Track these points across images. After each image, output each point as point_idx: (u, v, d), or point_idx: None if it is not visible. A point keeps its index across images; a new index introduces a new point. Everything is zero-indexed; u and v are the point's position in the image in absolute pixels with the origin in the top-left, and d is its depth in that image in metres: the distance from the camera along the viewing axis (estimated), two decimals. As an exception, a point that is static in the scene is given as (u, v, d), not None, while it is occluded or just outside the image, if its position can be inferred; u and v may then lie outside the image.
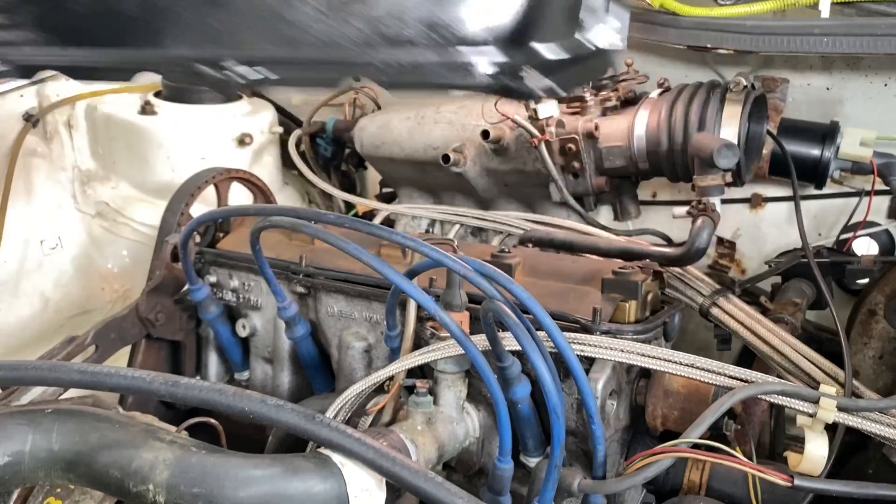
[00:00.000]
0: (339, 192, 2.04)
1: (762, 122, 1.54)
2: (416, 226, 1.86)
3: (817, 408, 0.91)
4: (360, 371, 1.30)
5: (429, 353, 1.09)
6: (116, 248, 2.25)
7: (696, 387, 1.09)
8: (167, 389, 0.75)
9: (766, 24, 1.48)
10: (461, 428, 1.13)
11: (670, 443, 0.91)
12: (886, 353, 1.40)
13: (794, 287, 1.48)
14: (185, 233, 1.15)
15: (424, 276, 1.20)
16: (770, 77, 1.58)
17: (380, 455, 0.73)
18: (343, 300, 1.31)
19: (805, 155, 1.55)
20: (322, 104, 2.19)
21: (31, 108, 2.18)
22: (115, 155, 2.30)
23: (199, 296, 1.31)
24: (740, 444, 1.13)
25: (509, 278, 0.92)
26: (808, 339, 1.34)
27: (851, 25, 1.41)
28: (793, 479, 0.86)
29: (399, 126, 1.86)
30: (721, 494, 1.09)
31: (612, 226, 1.68)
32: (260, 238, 1.09)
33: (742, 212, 1.74)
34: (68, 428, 0.74)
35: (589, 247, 1.40)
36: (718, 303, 1.29)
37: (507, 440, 0.99)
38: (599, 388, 1.05)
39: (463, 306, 1.08)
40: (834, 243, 1.58)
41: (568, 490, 0.94)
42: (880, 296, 1.40)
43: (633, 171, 1.58)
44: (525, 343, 0.88)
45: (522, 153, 1.66)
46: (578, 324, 1.09)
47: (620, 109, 1.60)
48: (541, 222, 1.59)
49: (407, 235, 0.95)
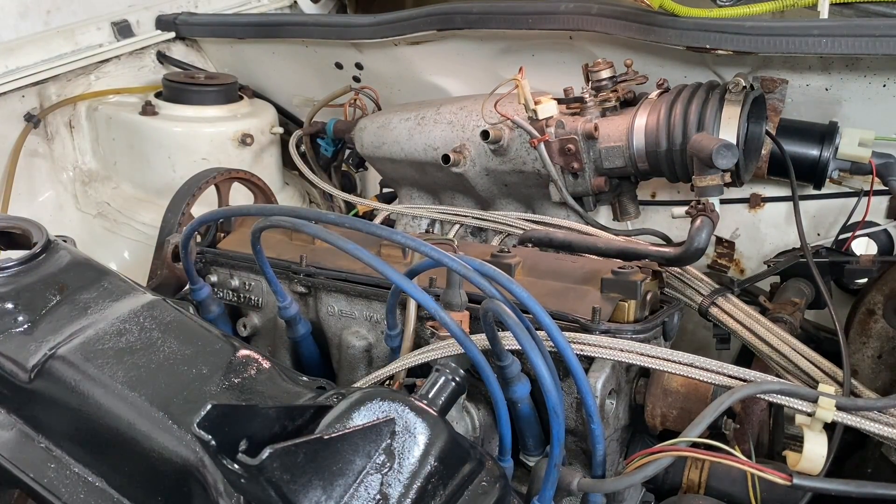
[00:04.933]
0: (339, 192, 2.05)
1: (761, 122, 1.54)
2: (416, 226, 1.86)
3: (816, 407, 0.91)
4: (360, 370, 1.30)
5: (429, 353, 1.09)
6: (117, 247, 2.25)
7: (695, 386, 1.09)
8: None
9: (765, 24, 1.48)
10: (461, 427, 1.13)
11: (669, 442, 0.91)
12: (885, 352, 1.41)
13: (793, 287, 1.48)
14: (186, 233, 1.15)
15: (424, 276, 1.21)
16: (769, 78, 1.58)
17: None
18: (343, 300, 1.31)
19: (804, 155, 1.56)
20: (322, 104, 2.19)
21: (33, 109, 2.18)
22: (117, 155, 2.31)
23: (200, 295, 1.31)
24: (739, 443, 1.13)
25: (509, 278, 0.93)
26: (806, 339, 1.34)
27: (850, 26, 1.41)
28: (791, 478, 0.86)
29: (399, 126, 1.87)
30: (720, 493, 1.10)
31: (611, 226, 1.68)
32: (261, 238, 1.09)
33: (741, 212, 1.75)
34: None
35: (588, 247, 1.40)
36: (717, 302, 1.29)
37: (506, 439, 0.99)
38: (599, 387, 1.05)
39: (463, 306, 1.08)
40: (833, 243, 1.58)
41: (567, 489, 0.94)
42: (879, 295, 1.40)
43: (632, 172, 1.58)
44: (525, 342, 0.88)
45: (522, 153, 1.67)
46: (578, 323, 1.09)
47: (620, 110, 1.60)
48: (541, 222, 1.59)
49: (407, 235, 0.96)
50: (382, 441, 0.75)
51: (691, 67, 1.67)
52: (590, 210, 1.65)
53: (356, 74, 2.23)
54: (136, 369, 0.89)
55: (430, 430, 0.77)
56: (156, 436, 0.83)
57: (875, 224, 1.61)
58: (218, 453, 0.65)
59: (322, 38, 2.16)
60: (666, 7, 1.52)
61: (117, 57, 2.30)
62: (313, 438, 0.69)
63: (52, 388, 0.89)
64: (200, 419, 0.65)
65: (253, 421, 0.70)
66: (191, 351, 0.93)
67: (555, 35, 1.78)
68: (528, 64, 1.66)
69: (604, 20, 1.65)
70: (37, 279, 0.98)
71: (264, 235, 1.09)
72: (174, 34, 2.40)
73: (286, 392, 0.90)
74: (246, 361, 0.92)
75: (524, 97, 1.56)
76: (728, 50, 1.50)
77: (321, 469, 0.70)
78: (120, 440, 0.85)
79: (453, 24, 1.89)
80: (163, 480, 0.83)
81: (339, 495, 0.71)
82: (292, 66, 2.35)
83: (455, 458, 0.78)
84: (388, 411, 0.77)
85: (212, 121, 2.25)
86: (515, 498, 0.88)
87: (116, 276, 1.04)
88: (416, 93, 2.13)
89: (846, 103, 1.58)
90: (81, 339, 0.92)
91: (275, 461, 0.65)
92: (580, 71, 1.64)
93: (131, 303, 0.99)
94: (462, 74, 2.04)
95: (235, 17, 2.33)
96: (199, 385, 0.87)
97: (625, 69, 1.61)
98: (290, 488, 0.67)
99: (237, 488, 0.74)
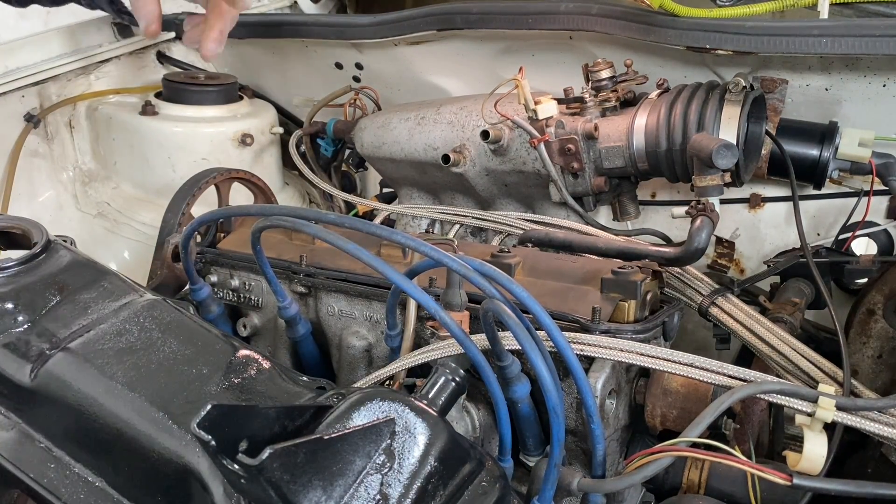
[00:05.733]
0: (339, 192, 2.05)
1: (761, 122, 1.54)
2: (416, 226, 1.86)
3: (816, 407, 0.91)
4: (360, 370, 1.30)
5: (429, 353, 1.09)
6: (117, 248, 2.25)
7: (695, 386, 1.09)
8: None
9: (764, 24, 1.48)
10: (461, 427, 1.13)
11: (669, 442, 0.91)
12: (885, 352, 1.41)
13: (793, 287, 1.48)
14: (186, 233, 1.15)
15: (424, 276, 1.21)
16: (769, 78, 1.58)
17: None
18: (343, 300, 1.31)
19: (804, 155, 1.56)
20: (322, 104, 2.19)
21: (33, 109, 2.18)
22: (116, 155, 2.31)
23: (200, 295, 1.31)
24: (739, 443, 1.13)
25: (509, 278, 0.93)
26: (806, 339, 1.34)
27: (850, 26, 1.41)
28: (792, 478, 0.86)
29: (399, 126, 1.87)
30: (720, 493, 1.10)
31: (611, 226, 1.68)
32: (261, 238, 1.09)
33: (741, 212, 1.75)
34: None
35: (588, 247, 1.40)
36: (717, 302, 1.29)
37: (506, 439, 0.99)
38: (599, 387, 1.05)
39: (463, 306, 1.08)
40: (833, 243, 1.58)
41: (567, 489, 0.94)
42: (879, 295, 1.40)
43: (632, 172, 1.58)
44: (524, 342, 0.88)
45: (522, 153, 1.67)
46: (578, 323, 1.09)
47: (620, 110, 1.60)
48: (541, 222, 1.59)
49: (407, 235, 0.96)
50: (382, 441, 0.75)
51: (691, 67, 1.67)
52: (590, 210, 1.65)
53: (356, 74, 2.23)
54: (136, 369, 0.89)
55: (430, 430, 0.77)
56: (156, 436, 0.83)
57: (875, 224, 1.61)
58: (218, 453, 0.66)
59: (322, 38, 2.16)
60: (666, 7, 1.52)
61: (117, 57, 2.30)
62: (313, 438, 0.69)
63: (52, 387, 0.89)
64: (200, 419, 0.65)
65: (253, 421, 0.70)
66: (191, 351, 0.93)
67: (555, 35, 1.79)
68: (528, 64, 1.66)
69: (604, 20, 1.65)
70: (37, 279, 0.98)
71: (264, 235, 1.09)
72: (174, 34, 2.40)
73: (286, 392, 0.90)
74: (246, 361, 0.92)
75: (524, 97, 1.56)
76: (728, 50, 1.50)
77: (321, 469, 0.70)
78: (120, 440, 0.85)
79: (453, 24, 1.89)
80: (163, 480, 0.83)
81: (339, 495, 0.71)
82: (292, 66, 2.35)
83: (455, 458, 0.78)
84: (388, 411, 0.77)
85: (212, 121, 2.25)
86: (515, 498, 0.88)
87: (116, 276, 1.04)
88: (416, 93, 2.13)
89: (846, 103, 1.58)
90: (81, 339, 0.92)
91: (275, 461, 0.65)
92: (580, 71, 1.64)
93: (131, 303, 0.99)
94: (462, 74, 2.04)
95: (235, 16, 2.33)
96: (199, 385, 0.87)
97: (625, 69, 1.61)
98: (290, 488, 0.67)
99: (237, 488, 0.74)
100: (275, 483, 0.66)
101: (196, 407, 0.70)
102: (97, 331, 0.93)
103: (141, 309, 0.98)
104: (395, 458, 0.74)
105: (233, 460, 0.65)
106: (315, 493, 0.69)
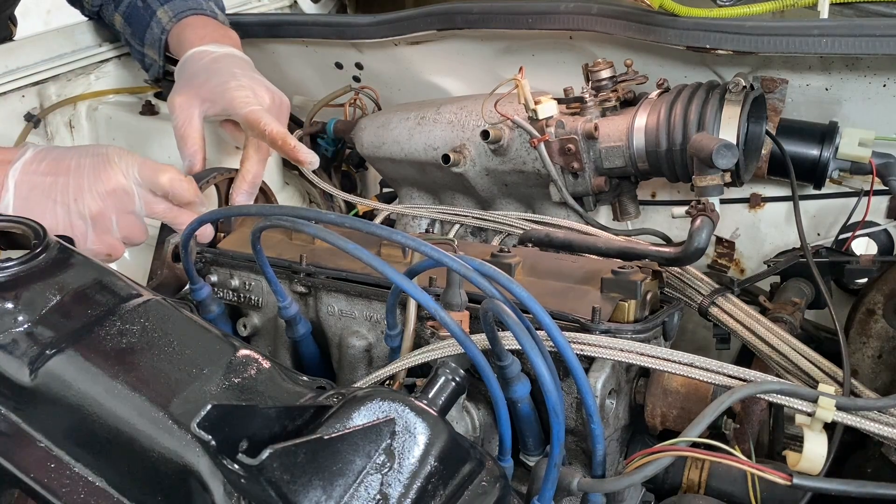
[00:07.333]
0: (339, 192, 2.04)
1: (761, 122, 1.54)
2: (416, 226, 1.86)
3: (816, 407, 0.92)
4: (360, 370, 1.30)
5: (429, 353, 1.10)
6: (117, 248, 2.25)
7: (695, 386, 1.09)
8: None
9: (765, 24, 1.48)
10: (461, 427, 1.14)
11: (669, 441, 0.92)
12: (885, 352, 1.41)
13: (793, 286, 1.48)
14: (186, 233, 1.15)
15: (424, 276, 1.21)
16: (769, 77, 1.58)
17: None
18: (343, 299, 1.31)
19: (804, 155, 1.56)
20: (322, 104, 2.19)
21: (33, 109, 2.18)
22: (116, 155, 2.30)
23: (200, 295, 1.31)
24: (739, 443, 1.14)
25: (509, 278, 0.93)
26: (806, 339, 1.34)
27: (850, 26, 1.41)
28: (791, 477, 0.86)
29: (399, 126, 1.87)
30: (720, 493, 1.10)
31: (611, 226, 1.68)
32: (261, 238, 1.09)
33: (741, 212, 1.75)
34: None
35: (588, 246, 1.40)
36: (717, 302, 1.29)
37: (506, 439, 0.99)
38: (599, 387, 1.05)
39: (463, 305, 1.08)
40: (833, 243, 1.58)
41: (567, 489, 0.94)
42: (879, 295, 1.40)
43: (632, 171, 1.58)
44: (525, 342, 0.88)
45: (522, 153, 1.67)
46: (578, 323, 1.09)
47: (620, 110, 1.60)
48: (541, 222, 1.59)
49: (407, 235, 0.96)
50: (382, 441, 0.75)
51: (691, 67, 1.67)
52: (590, 210, 1.65)
53: (356, 74, 2.23)
54: (136, 369, 0.89)
55: (430, 430, 0.77)
56: (156, 436, 0.83)
57: (875, 224, 1.60)
58: (218, 453, 0.66)
59: (322, 38, 2.16)
60: (666, 7, 1.52)
61: (117, 57, 2.30)
62: (313, 438, 0.69)
63: (52, 387, 0.89)
64: (200, 419, 0.65)
65: (253, 421, 0.70)
66: (191, 351, 0.93)
67: (555, 35, 1.78)
68: (528, 64, 1.66)
69: (604, 20, 1.65)
70: (36, 279, 0.98)
71: (264, 235, 1.09)
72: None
73: (286, 392, 0.90)
74: (246, 361, 0.92)
75: (524, 97, 1.56)
76: (728, 50, 1.50)
77: (321, 469, 0.70)
78: (120, 440, 0.85)
79: (453, 24, 1.89)
80: (163, 480, 0.83)
81: (339, 495, 0.71)
82: (292, 65, 2.35)
83: (455, 458, 0.78)
84: (388, 411, 0.77)
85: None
86: (515, 498, 0.88)
87: (116, 276, 1.04)
88: (416, 93, 2.13)
89: (846, 103, 1.58)
90: (81, 338, 0.92)
91: (275, 461, 0.65)
92: (580, 71, 1.64)
93: (131, 303, 0.99)
94: (462, 74, 2.04)
95: (235, 16, 2.32)
96: (199, 385, 0.87)
97: (625, 69, 1.61)
98: (290, 488, 0.67)
99: (237, 488, 0.74)
100: (275, 483, 0.66)
101: (196, 407, 0.70)
102: (97, 331, 0.93)
103: (141, 309, 0.98)
104: (396, 458, 0.74)
105: (233, 460, 0.65)
106: (315, 492, 0.69)
